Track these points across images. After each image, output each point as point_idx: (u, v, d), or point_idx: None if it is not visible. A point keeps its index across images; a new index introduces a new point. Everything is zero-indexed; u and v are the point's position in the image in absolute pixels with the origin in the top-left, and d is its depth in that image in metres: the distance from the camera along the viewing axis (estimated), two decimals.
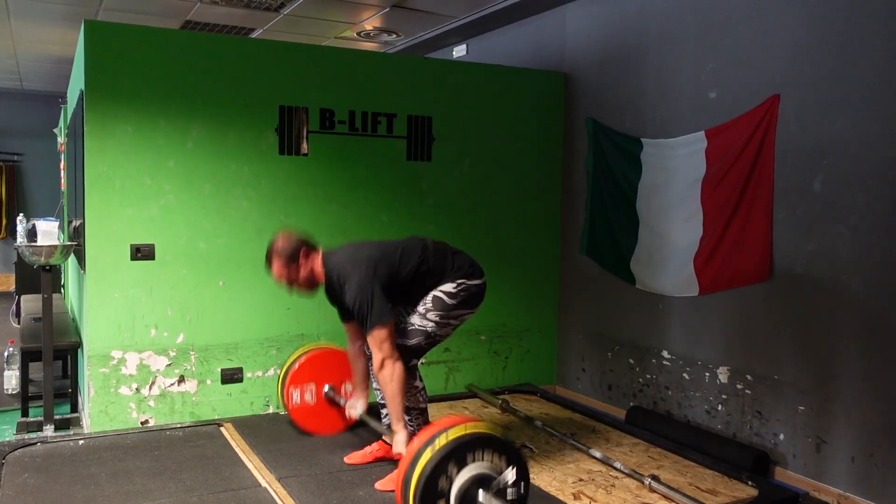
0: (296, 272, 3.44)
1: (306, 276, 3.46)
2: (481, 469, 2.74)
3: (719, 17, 4.18)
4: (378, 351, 3.27)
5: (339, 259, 3.44)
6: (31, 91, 10.43)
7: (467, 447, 2.73)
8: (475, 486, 2.71)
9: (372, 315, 3.24)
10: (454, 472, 2.71)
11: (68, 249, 4.38)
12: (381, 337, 3.26)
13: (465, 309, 3.49)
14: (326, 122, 4.61)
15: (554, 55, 5.47)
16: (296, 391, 4.07)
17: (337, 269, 3.42)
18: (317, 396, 4.11)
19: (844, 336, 3.57)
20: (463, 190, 5.06)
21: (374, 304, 3.25)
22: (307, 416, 4.11)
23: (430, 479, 2.67)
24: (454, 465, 2.70)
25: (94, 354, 4.13)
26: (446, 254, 3.52)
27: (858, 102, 3.49)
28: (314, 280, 3.49)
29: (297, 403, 4.07)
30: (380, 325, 3.25)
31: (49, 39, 7.05)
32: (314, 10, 5.81)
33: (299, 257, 3.43)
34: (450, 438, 2.72)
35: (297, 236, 3.48)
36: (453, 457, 2.70)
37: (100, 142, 4.08)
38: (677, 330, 4.50)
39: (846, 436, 3.57)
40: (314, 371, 4.10)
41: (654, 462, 3.88)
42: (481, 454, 2.75)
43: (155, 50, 4.18)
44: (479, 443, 2.76)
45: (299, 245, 3.44)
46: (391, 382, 3.27)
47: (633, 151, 4.72)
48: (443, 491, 2.69)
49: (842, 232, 3.57)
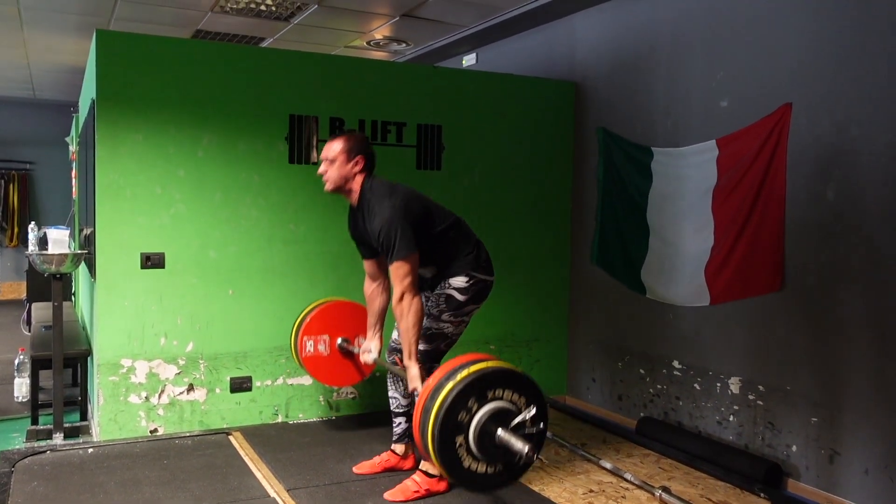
0: (341, 165, 3.35)
1: (343, 176, 3.37)
2: (501, 405, 2.71)
3: (730, 25, 4.17)
4: (399, 284, 3.20)
5: (378, 185, 3.37)
6: (44, 100, 10.51)
7: (489, 382, 2.70)
8: (494, 421, 2.68)
9: (398, 246, 3.18)
10: (474, 407, 2.68)
11: (79, 258, 4.40)
12: (405, 270, 3.19)
13: (473, 304, 3.46)
14: (336, 131, 4.62)
15: (564, 64, 5.46)
16: (309, 341, 4.03)
17: (371, 194, 3.34)
18: (330, 347, 4.07)
19: (857, 346, 3.54)
20: (473, 199, 5.05)
21: (401, 235, 3.18)
22: (320, 366, 4.07)
23: (450, 410, 2.64)
24: (475, 399, 2.68)
25: (103, 363, 4.13)
26: (472, 237, 3.51)
27: (871, 111, 3.47)
28: (345, 185, 3.40)
29: (311, 352, 4.03)
30: (404, 257, 3.18)
31: (61, 49, 7.11)
32: (324, 19, 5.83)
33: (355, 159, 3.35)
34: (472, 372, 2.69)
35: (373, 150, 3.44)
36: (474, 391, 2.68)
37: (111, 150, 4.10)
38: (688, 340, 4.47)
39: (860, 448, 3.53)
40: (328, 323, 4.05)
41: (665, 473, 3.85)
42: (502, 391, 2.72)
43: (166, 59, 4.20)
44: (500, 379, 2.73)
45: (366, 155, 3.39)
46: (408, 315, 3.20)
47: (643, 160, 4.71)
48: (462, 424, 2.67)
49: (854, 242, 3.54)
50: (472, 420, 2.67)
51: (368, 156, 3.40)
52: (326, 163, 3.40)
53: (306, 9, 5.56)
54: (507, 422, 2.70)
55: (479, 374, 2.70)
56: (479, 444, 2.69)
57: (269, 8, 5.58)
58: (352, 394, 4.73)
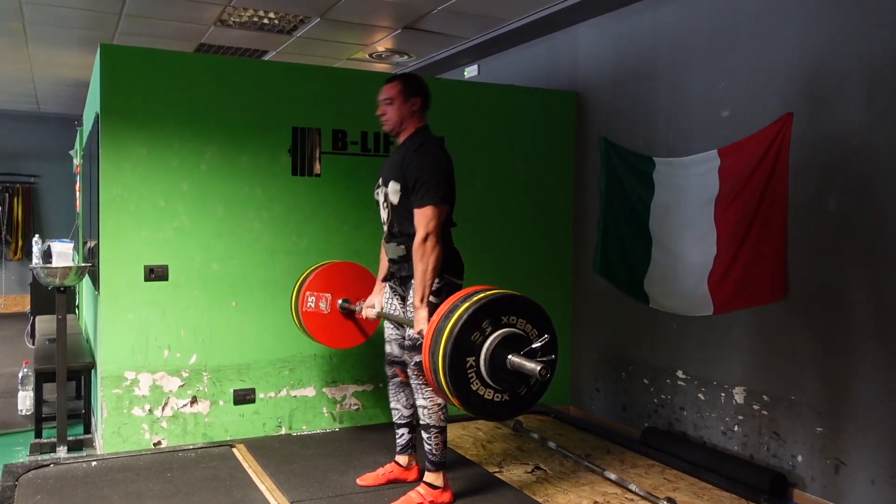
0: (400, 105, 3.39)
1: (401, 116, 3.40)
2: (514, 331, 2.73)
3: (731, 35, 4.18)
4: (423, 227, 3.18)
5: (437, 141, 3.40)
6: (48, 114, 10.56)
7: (503, 307, 2.73)
8: (505, 346, 2.70)
9: (434, 189, 3.19)
10: (488, 329, 2.70)
11: (83, 271, 4.41)
12: (432, 214, 3.19)
13: None
14: (339, 143, 4.64)
15: (566, 75, 5.48)
16: (311, 297, 4.00)
17: (426, 140, 3.37)
18: (331, 306, 4.04)
19: (862, 355, 3.53)
20: (475, 209, 5.06)
21: (436, 183, 3.20)
22: (319, 324, 4.03)
23: (464, 330, 2.67)
24: (489, 322, 2.70)
25: (107, 375, 4.14)
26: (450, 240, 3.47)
27: (872, 120, 3.47)
28: (403, 125, 3.42)
29: (311, 308, 4.00)
30: (433, 203, 3.18)
31: (66, 63, 7.15)
32: (327, 32, 5.86)
33: (412, 100, 3.39)
34: (488, 295, 2.72)
35: (428, 91, 3.47)
36: (489, 314, 2.70)
37: (114, 164, 4.12)
38: (692, 350, 4.46)
39: (866, 457, 3.51)
40: (331, 282, 4.03)
41: (669, 484, 3.83)
42: (516, 318, 2.75)
43: (169, 73, 4.23)
44: (515, 305, 2.76)
45: (426, 95, 3.44)
46: (429, 256, 3.17)
47: (645, 170, 4.71)
48: (475, 345, 2.69)
49: (858, 250, 3.54)
50: (484, 342, 2.70)
51: (425, 97, 3.45)
52: (384, 103, 3.44)
53: (309, 22, 5.59)
54: (518, 348, 2.71)
55: (495, 298, 2.73)
56: (490, 368, 2.71)
57: (272, 21, 5.61)
58: (355, 405, 4.73)
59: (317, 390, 4.61)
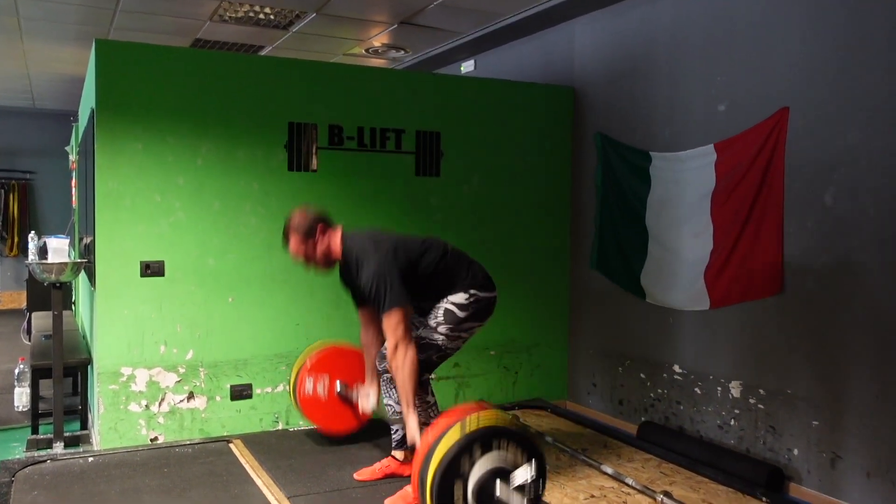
0: (312, 248, 3.43)
1: (323, 252, 3.44)
2: (503, 460, 2.74)
3: (728, 30, 4.18)
4: (392, 335, 3.22)
5: (360, 238, 3.42)
6: (43, 110, 10.52)
7: (495, 435, 2.73)
8: (494, 476, 2.71)
9: (388, 297, 3.20)
10: (478, 457, 2.71)
11: (79, 266, 4.40)
12: (396, 319, 3.21)
13: (474, 321, 3.48)
14: (335, 139, 4.63)
15: (562, 70, 5.48)
16: (309, 381, 4.04)
17: (356, 248, 3.39)
18: (328, 391, 4.08)
19: (858, 349, 3.54)
20: (472, 205, 5.06)
21: (391, 286, 3.21)
22: (316, 410, 4.08)
23: (456, 457, 2.67)
24: (479, 448, 2.71)
25: (103, 371, 4.13)
26: (463, 260, 3.52)
27: (868, 115, 3.47)
28: (331, 257, 3.47)
29: (309, 394, 4.04)
30: (396, 307, 3.20)
31: (61, 59, 7.12)
32: (323, 27, 5.85)
33: (316, 233, 3.42)
34: (480, 422, 2.73)
35: (313, 212, 3.48)
36: (480, 441, 2.71)
37: (110, 159, 4.10)
38: (688, 344, 4.46)
39: (861, 451, 3.52)
40: (329, 366, 4.07)
41: (666, 478, 3.84)
42: (506, 444, 2.76)
43: (165, 68, 4.22)
44: (505, 434, 2.76)
45: (316, 221, 3.44)
46: (403, 367, 3.22)
47: (642, 165, 4.71)
48: (463, 472, 2.69)
49: (853, 245, 3.54)
50: (473, 471, 2.71)
51: (319, 218, 3.46)
52: (304, 258, 3.47)
53: (305, 17, 5.58)
54: (507, 478, 2.74)
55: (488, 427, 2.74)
56: (477, 497, 2.72)
57: (268, 16, 5.60)
58: None
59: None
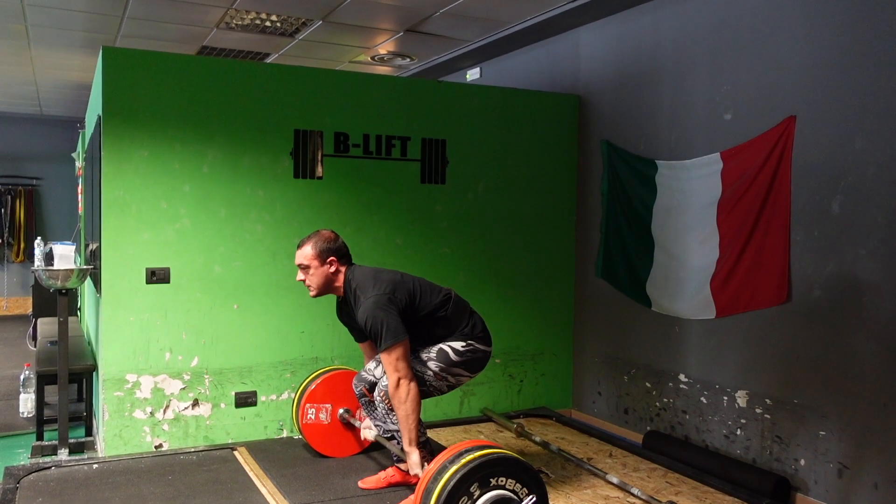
0: (317, 269, 3.43)
1: (324, 278, 3.45)
2: (503, 493, 2.72)
3: (734, 38, 4.18)
4: (393, 371, 3.24)
5: (361, 275, 3.44)
6: (50, 116, 10.57)
7: (492, 469, 2.72)
8: None
9: (387, 333, 3.22)
10: (476, 493, 2.69)
11: (84, 273, 4.41)
12: (397, 355, 3.23)
13: (465, 370, 3.49)
14: (341, 146, 4.64)
15: (568, 78, 5.48)
16: (311, 409, 4.05)
17: (356, 283, 3.41)
18: (331, 417, 4.09)
19: (865, 359, 3.52)
20: (477, 212, 5.06)
21: (388, 322, 3.23)
22: (318, 435, 4.09)
23: (453, 494, 2.65)
24: (477, 485, 2.69)
25: (108, 378, 4.13)
26: (465, 310, 3.54)
27: (875, 123, 3.46)
28: (328, 288, 3.48)
29: (311, 420, 4.06)
30: (395, 343, 3.22)
31: (68, 66, 7.16)
32: (329, 35, 5.86)
33: (331, 260, 3.43)
34: (476, 457, 2.71)
35: (342, 242, 3.50)
36: (477, 477, 2.70)
37: (116, 166, 4.12)
38: (694, 353, 4.45)
39: (869, 461, 3.50)
40: (331, 392, 4.08)
41: (672, 488, 3.82)
42: (504, 479, 2.74)
43: (171, 75, 4.23)
44: (503, 467, 2.74)
45: (340, 251, 3.46)
46: (406, 402, 3.24)
47: (647, 173, 4.71)
48: None
49: (861, 254, 3.53)
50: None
51: (341, 253, 3.47)
52: (302, 270, 3.47)
53: (311, 25, 5.60)
54: None
55: (483, 461, 2.73)
56: None
57: (274, 24, 5.62)
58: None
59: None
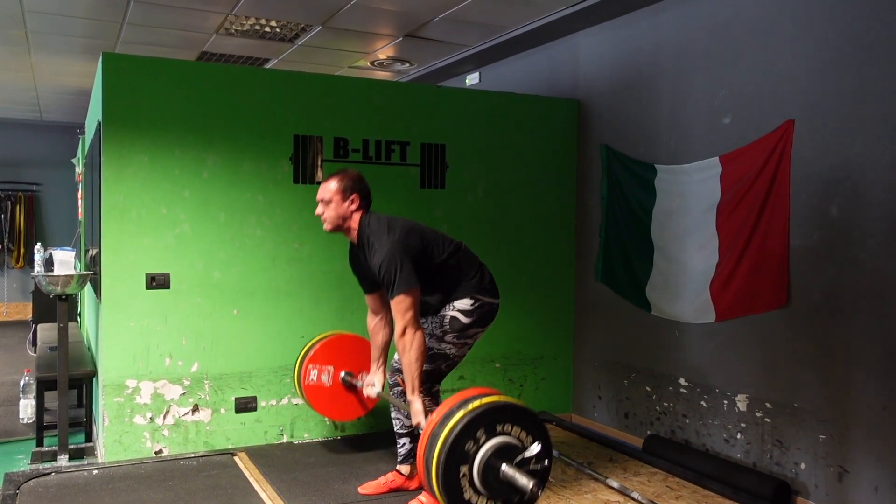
0: (338, 204, 3.40)
1: (341, 215, 3.41)
2: (508, 440, 2.72)
3: (732, 42, 4.19)
4: (401, 318, 3.21)
5: (376, 222, 3.40)
6: (50, 122, 10.58)
7: (498, 415, 2.72)
8: (499, 455, 2.70)
9: (399, 280, 3.19)
10: (482, 438, 2.69)
11: (84, 279, 4.41)
12: (406, 304, 3.21)
13: (478, 327, 3.48)
14: (340, 151, 4.64)
15: (567, 82, 5.49)
16: (313, 370, 4.04)
17: (370, 230, 3.37)
18: (333, 380, 4.08)
19: (865, 362, 3.52)
20: (477, 217, 5.06)
21: (401, 270, 3.20)
22: (321, 397, 4.07)
23: (459, 439, 2.66)
24: (483, 430, 2.69)
25: (108, 383, 4.13)
26: (475, 261, 3.54)
27: (874, 127, 3.47)
28: (343, 225, 3.44)
29: (313, 382, 4.04)
30: (405, 291, 3.20)
31: (68, 72, 7.17)
32: (328, 40, 5.87)
33: (351, 198, 3.40)
34: (482, 404, 2.72)
35: (367, 185, 3.48)
36: (484, 422, 2.70)
37: (116, 172, 4.12)
38: (694, 357, 4.45)
39: (869, 465, 3.50)
40: (333, 354, 4.07)
41: (672, 492, 3.82)
42: (510, 426, 2.74)
43: (171, 81, 4.24)
44: (510, 413, 2.75)
45: (363, 191, 3.44)
46: (410, 350, 3.21)
47: (647, 177, 4.71)
48: (468, 454, 2.68)
49: (860, 257, 3.53)
50: (478, 451, 2.69)
51: (364, 193, 3.44)
52: (322, 204, 3.44)
53: (310, 30, 5.61)
54: (511, 457, 2.72)
55: (490, 407, 2.73)
56: (483, 477, 2.70)
57: (274, 30, 5.63)
58: None
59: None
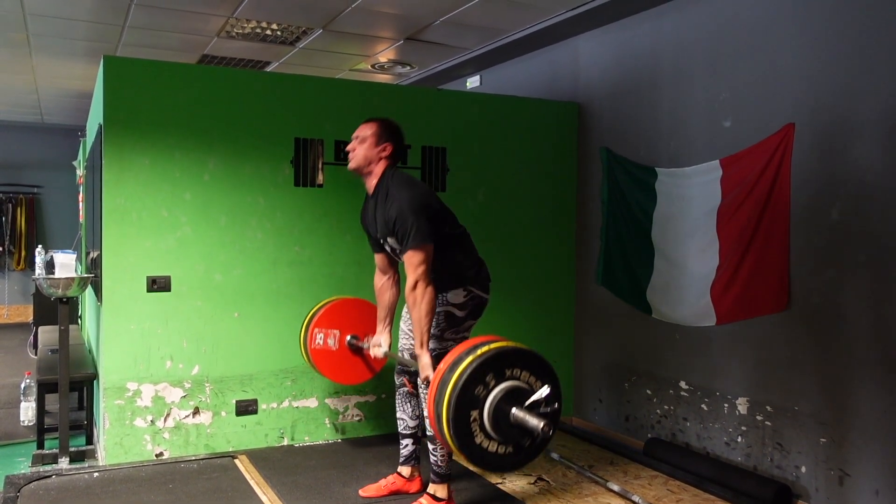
0: (371, 146, 3.40)
1: (368, 157, 3.40)
2: (517, 384, 2.73)
3: (733, 46, 4.19)
4: (413, 272, 3.20)
5: (399, 177, 3.39)
6: (52, 125, 10.60)
7: (507, 360, 2.74)
8: (509, 400, 2.71)
9: (414, 233, 3.19)
10: (492, 382, 2.71)
11: (85, 281, 4.41)
12: (419, 258, 3.19)
13: (472, 319, 3.49)
14: (341, 154, 4.63)
15: (567, 85, 5.49)
16: (319, 333, 4.03)
17: (392, 182, 3.36)
18: (339, 343, 4.07)
19: (865, 366, 3.52)
20: (477, 220, 5.05)
21: (417, 224, 3.19)
22: (327, 360, 4.07)
23: (468, 383, 2.67)
24: (492, 375, 2.71)
25: (109, 386, 4.13)
26: (475, 253, 3.54)
27: (874, 130, 3.47)
28: (366, 168, 3.43)
29: (320, 345, 4.04)
30: (420, 245, 3.19)
31: (69, 74, 7.18)
32: (329, 43, 5.88)
33: (383, 145, 3.41)
34: (491, 349, 2.73)
35: (403, 143, 3.53)
36: (493, 367, 2.71)
37: (117, 174, 4.13)
38: (695, 360, 4.45)
39: (870, 468, 3.50)
40: (339, 318, 4.07)
41: (673, 495, 3.82)
42: (519, 370, 2.76)
43: (172, 84, 4.24)
44: (518, 358, 2.76)
45: (398, 143, 3.46)
46: (421, 303, 3.19)
47: (647, 181, 4.71)
48: (478, 399, 2.69)
49: (860, 260, 3.53)
50: (488, 396, 2.71)
51: (397, 146, 3.45)
52: (356, 141, 3.44)
53: (311, 33, 5.62)
54: (521, 401, 2.72)
55: (499, 351, 2.74)
56: (493, 421, 2.71)
57: (275, 33, 5.64)
58: (357, 416, 4.72)
59: (319, 401, 4.60)
